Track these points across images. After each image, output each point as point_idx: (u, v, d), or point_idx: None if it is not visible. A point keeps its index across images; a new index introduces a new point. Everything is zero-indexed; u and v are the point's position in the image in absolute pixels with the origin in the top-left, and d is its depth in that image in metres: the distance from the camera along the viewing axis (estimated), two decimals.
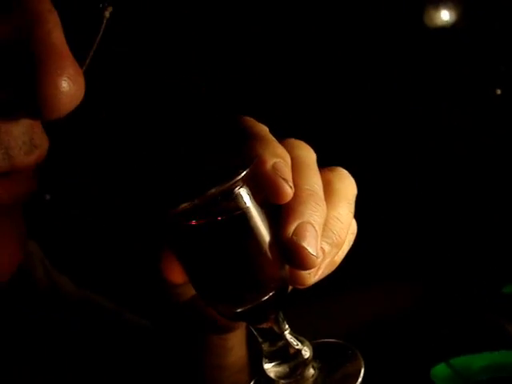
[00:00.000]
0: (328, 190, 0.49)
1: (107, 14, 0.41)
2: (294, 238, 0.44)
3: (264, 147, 0.46)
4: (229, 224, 0.43)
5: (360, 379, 0.47)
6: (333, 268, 0.49)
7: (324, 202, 0.47)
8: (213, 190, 0.41)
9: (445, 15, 1.59)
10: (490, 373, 0.68)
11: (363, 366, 0.48)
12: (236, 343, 0.63)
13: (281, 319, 0.47)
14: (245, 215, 0.43)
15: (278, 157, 0.46)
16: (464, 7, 1.62)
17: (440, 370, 0.74)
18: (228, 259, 0.44)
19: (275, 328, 0.46)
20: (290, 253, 0.44)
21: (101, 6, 0.40)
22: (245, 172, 0.42)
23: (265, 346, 0.47)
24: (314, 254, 0.44)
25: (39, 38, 0.35)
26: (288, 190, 0.44)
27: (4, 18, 0.35)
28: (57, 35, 0.36)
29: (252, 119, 0.50)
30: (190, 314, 0.56)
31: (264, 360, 0.48)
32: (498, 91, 1.34)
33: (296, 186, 0.46)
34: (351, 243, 0.51)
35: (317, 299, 0.94)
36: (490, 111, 1.52)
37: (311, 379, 0.48)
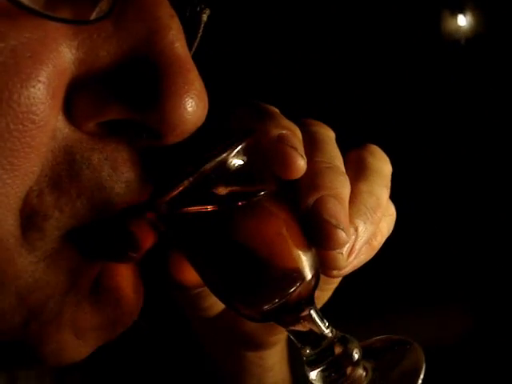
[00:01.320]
0: (358, 165, 0.43)
1: (205, 17, 0.38)
2: (316, 211, 0.38)
3: (267, 120, 0.40)
4: (234, 211, 0.37)
5: (422, 376, 0.40)
6: (371, 254, 0.43)
7: (346, 176, 0.41)
8: (203, 168, 0.35)
9: (462, 22, 1.59)
10: None
11: (424, 360, 0.41)
12: (276, 362, 0.57)
13: (318, 316, 0.40)
14: (253, 200, 0.37)
15: (283, 128, 0.40)
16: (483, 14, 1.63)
17: None
18: (240, 250, 0.38)
19: (314, 327, 0.40)
20: (313, 229, 0.37)
21: (198, 9, 0.38)
22: (242, 143, 0.36)
23: (305, 351, 0.41)
24: (341, 226, 0.37)
25: (162, 49, 0.31)
26: (299, 160, 0.38)
27: (116, 26, 0.32)
28: (181, 44, 0.32)
29: (258, 102, 0.45)
30: (222, 329, 0.51)
31: (307, 369, 0.41)
32: None
33: (311, 160, 0.40)
34: (391, 228, 0.45)
35: (365, 323, 0.91)
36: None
37: (364, 382, 0.41)
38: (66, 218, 0.34)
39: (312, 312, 0.40)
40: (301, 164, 0.38)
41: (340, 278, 0.47)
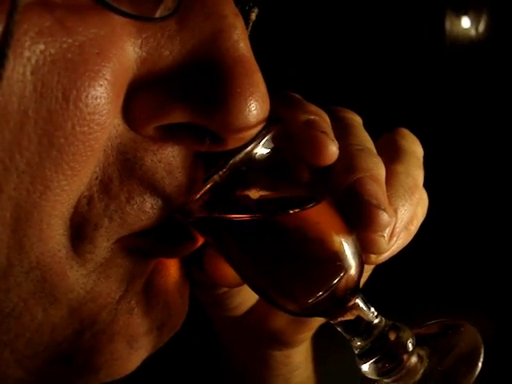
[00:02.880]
0: (391, 147, 0.43)
1: (253, 16, 0.38)
2: (354, 192, 0.36)
3: (294, 107, 0.39)
4: (277, 213, 0.36)
5: (481, 358, 0.38)
6: (409, 239, 0.42)
7: (379, 158, 0.40)
8: (232, 160, 0.33)
9: (471, 27, 1.59)
10: None
11: (482, 342, 0.39)
12: (302, 361, 0.56)
13: (365, 305, 0.39)
14: (288, 190, 0.36)
15: (311, 114, 0.39)
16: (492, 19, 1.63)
17: None
18: (281, 245, 0.37)
19: (362, 316, 0.38)
20: (354, 212, 0.36)
21: (247, 8, 0.38)
22: (270, 132, 0.35)
23: (356, 343, 0.39)
24: (383, 207, 0.36)
25: (227, 49, 0.30)
26: (330, 144, 0.36)
27: (180, 25, 0.30)
28: (246, 44, 0.31)
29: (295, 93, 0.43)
30: (248, 329, 0.50)
31: (359, 361, 0.40)
32: None
33: (343, 144, 0.39)
34: (425, 213, 0.44)
35: None
36: None
37: (420, 371, 0.39)
38: (116, 227, 0.33)
39: (359, 301, 0.39)
40: (333, 149, 0.37)
41: (372, 268, 0.46)
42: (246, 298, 0.47)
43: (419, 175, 0.42)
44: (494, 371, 0.95)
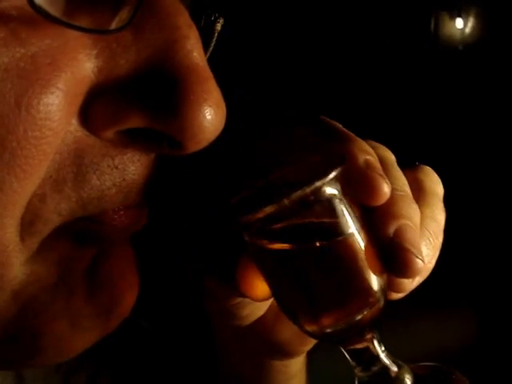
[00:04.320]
0: (418, 188, 0.44)
1: (219, 26, 0.39)
2: (397, 240, 0.39)
3: (352, 144, 0.41)
4: (328, 244, 0.38)
5: None
6: (427, 274, 0.44)
7: (416, 204, 0.42)
8: (302, 190, 0.36)
9: (465, 29, 1.59)
10: None
11: None
12: (299, 370, 0.58)
13: (377, 339, 0.41)
14: (344, 228, 0.38)
15: (367, 154, 0.41)
16: (486, 20, 1.62)
17: None
18: (324, 278, 0.39)
19: (371, 348, 0.41)
20: (393, 258, 0.38)
21: (213, 18, 0.38)
22: (340, 168, 0.37)
23: (359, 371, 0.42)
24: (420, 256, 0.39)
25: (180, 58, 0.31)
26: (386, 189, 0.39)
27: (136, 35, 0.32)
28: (199, 54, 0.32)
29: (329, 119, 0.46)
30: (253, 338, 0.52)
31: None
32: None
33: None
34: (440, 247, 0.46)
35: None
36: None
37: None
38: (62, 220, 0.34)
39: (375, 335, 0.41)
40: (387, 192, 0.39)
41: None
42: (257, 308, 0.48)
43: (443, 219, 0.44)
44: (475, 371, 0.95)
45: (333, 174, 0.36)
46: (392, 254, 0.38)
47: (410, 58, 1.57)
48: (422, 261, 0.39)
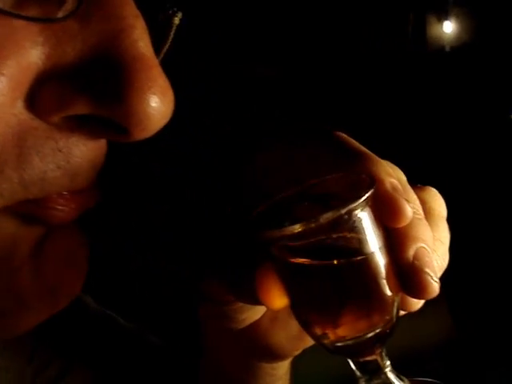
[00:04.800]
0: (425, 210, 0.45)
1: (176, 20, 0.39)
2: (416, 263, 0.40)
3: (377, 166, 0.42)
4: (352, 262, 0.40)
5: None
6: None
7: (428, 225, 0.44)
8: (335, 212, 0.37)
9: (453, 31, 1.58)
10: None
11: None
12: (284, 373, 0.59)
13: (385, 353, 0.43)
14: (370, 249, 0.39)
15: (391, 176, 0.42)
16: (478, 25, 1.62)
17: None
18: (344, 294, 0.40)
19: (379, 361, 0.43)
20: (412, 280, 0.40)
21: (170, 12, 0.39)
22: (372, 191, 0.38)
23: (362, 381, 0.43)
24: (437, 280, 0.41)
25: (126, 47, 0.32)
26: (410, 213, 0.41)
27: (82, 25, 0.33)
28: (145, 43, 0.33)
29: (346, 135, 0.47)
30: (247, 340, 0.52)
31: None
32: None
33: None
34: None
35: None
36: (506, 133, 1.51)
37: None
38: (4, 202, 0.35)
39: (383, 349, 0.43)
40: (410, 215, 0.41)
41: None
42: (254, 312, 0.49)
43: (448, 241, 0.46)
44: (451, 368, 0.95)
45: (365, 197, 0.38)
46: (411, 276, 0.40)
47: (397, 61, 1.57)
48: (438, 283, 0.41)
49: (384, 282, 0.40)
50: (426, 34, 1.65)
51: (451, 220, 0.46)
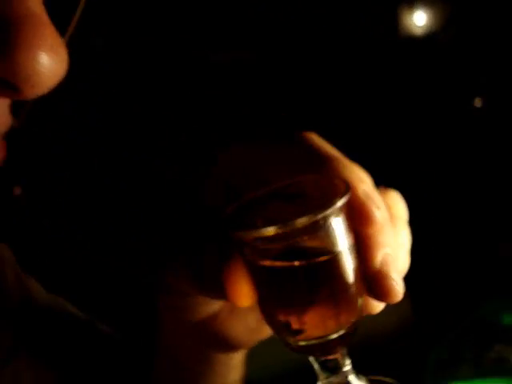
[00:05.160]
0: (390, 215, 0.46)
1: None
2: (383, 268, 0.42)
3: (349, 171, 0.43)
4: (324, 263, 0.40)
5: None
6: None
7: (393, 230, 0.45)
8: (312, 217, 0.38)
9: (422, 22, 1.57)
10: None
11: None
12: (239, 362, 0.59)
13: (346, 352, 0.44)
14: (339, 252, 0.40)
15: (363, 183, 0.43)
16: (445, 15, 1.61)
17: None
18: (310, 295, 0.41)
19: (339, 360, 0.44)
20: (378, 285, 0.42)
21: None
22: (347, 197, 0.39)
23: (323, 378, 0.44)
24: (401, 284, 0.43)
25: (14, 6, 0.31)
26: (380, 219, 0.42)
27: None
28: (34, 3, 0.32)
29: (317, 136, 0.47)
30: (205, 330, 0.52)
31: None
32: (478, 102, 1.33)
33: None
34: None
35: None
36: (469, 122, 1.51)
37: None
38: None
39: (345, 349, 0.44)
40: (380, 221, 0.42)
41: None
42: (214, 304, 0.50)
43: (409, 245, 0.47)
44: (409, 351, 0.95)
45: (340, 203, 0.39)
46: (378, 281, 0.42)
47: (371, 52, 1.56)
48: (402, 288, 0.43)
49: (350, 285, 0.41)
50: (398, 26, 1.64)
51: (412, 213, 0.47)
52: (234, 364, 0.58)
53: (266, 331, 0.52)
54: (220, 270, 0.43)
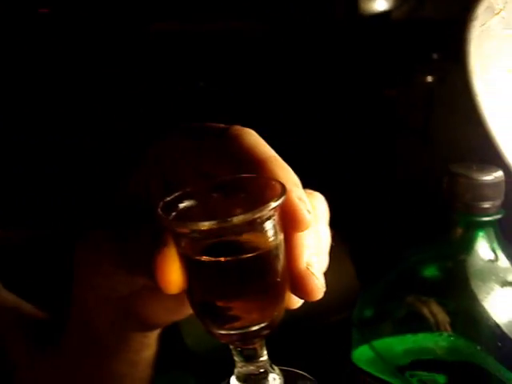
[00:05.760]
0: (315, 217, 0.48)
1: None
2: (309, 269, 0.44)
3: (284, 173, 0.45)
4: (252, 260, 0.42)
5: None
6: None
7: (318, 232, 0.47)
8: (249, 215, 0.39)
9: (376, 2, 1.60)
10: (412, 356, 0.68)
11: None
12: (155, 340, 0.60)
13: (263, 343, 0.46)
14: (268, 250, 0.42)
15: (296, 185, 0.45)
16: None
17: (362, 352, 0.73)
18: (236, 289, 0.43)
19: (258, 350, 0.46)
20: (303, 284, 0.44)
21: None
22: (282, 200, 0.41)
23: (239, 365, 0.46)
24: (323, 284, 0.45)
25: None
26: (310, 223, 0.44)
27: None
28: None
29: (254, 133, 0.48)
30: (125, 308, 0.53)
31: (233, 380, 0.47)
32: (429, 79, 1.36)
33: None
34: None
35: None
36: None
37: None
38: None
39: (263, 341, 0.46)
40: (310, 225, 0.44)
41: None
42: (134, 283, 0.50)
43: (329, 243, 0.49)
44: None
45: (277, 204, 0.40)
46: (303, 281, 0.44)
47: (329, 37, 1.56)
48: (323, 288, 0.45)
49: (275, 281, 0.43)
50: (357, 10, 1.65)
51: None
52: (149, 343, 0.59)
53: (185, 312, 0.53)
54: (153, 255, 0.43)
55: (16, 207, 1.27)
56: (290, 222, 0.43)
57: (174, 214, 0.42)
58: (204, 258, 0.41)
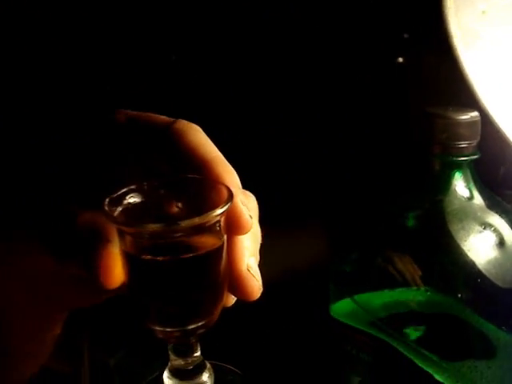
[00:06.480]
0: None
1: None
2: (250, 271, 0.45)
3: (228, 175, 0.46)
4: (192, 260, 0.42)
5: None
6: None
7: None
8: (197, 219, 0.39)
9: None
10: (389, 309, 0.69)
11: None
12: (64, 317, 0.57)
13: (197, 340, 0.47)
14: (210, 251, 0.42)
15: (239, 187, 0.46)
16: None
17: (341, 306, 0.73)
18: (177, 290, 0.43)
19: (193, 346, 0.46)
20: (243, 286, 0.45)
21: None
22: (229, 204, 0.41)
23: (172, 359, 0.47)
24: (261, 285, 0.46)
25: None
26: (251, 226, 0.45)
27: None
28: None
29: (200, 129, 0.48)
30: (37, 293, 0.50)
31: (166, 373, 0.48)
32: (400, 59, 1.34)
33: None
34: None
35: None
36: (391, 79, 1.51)
37: None
38: None
39: (198, 338, 0.46)
40: (251, 228, 0.45)
41: None
42: (61, 274, 0.48)
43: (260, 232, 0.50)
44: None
45: (225, 208, 0.41)
46: (244, 283, 0.45)
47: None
48: (261, 288, 0.46)
49: (214, 283, 0.43)
50: None
51: None
52: (59, 318, 0.56)
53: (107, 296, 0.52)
54: (95, 250, 0.42)
55: None
56: (233, 225, 0.44)
57: (119, 209, 0.42)
58: (144, 256, 0.41)
